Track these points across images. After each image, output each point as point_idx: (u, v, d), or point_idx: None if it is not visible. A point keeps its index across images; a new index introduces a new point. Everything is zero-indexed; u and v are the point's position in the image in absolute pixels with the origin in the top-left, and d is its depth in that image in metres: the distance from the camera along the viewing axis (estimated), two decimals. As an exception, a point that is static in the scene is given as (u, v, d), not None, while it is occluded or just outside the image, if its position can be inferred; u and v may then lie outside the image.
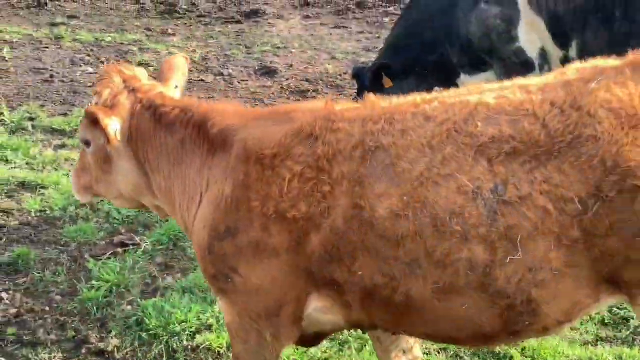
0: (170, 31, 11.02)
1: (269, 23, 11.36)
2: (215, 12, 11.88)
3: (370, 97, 3.29)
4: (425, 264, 3.00)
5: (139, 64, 9.53)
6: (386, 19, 11.22)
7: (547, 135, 2.84)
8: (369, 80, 6.44)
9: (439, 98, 3.16)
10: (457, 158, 2.93)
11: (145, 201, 3.93)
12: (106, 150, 3.72)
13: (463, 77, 6.15)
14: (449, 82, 6.32)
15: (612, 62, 3.02)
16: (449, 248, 2.94)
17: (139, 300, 4.90)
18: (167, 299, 4.86)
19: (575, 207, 2.80)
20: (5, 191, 6.43)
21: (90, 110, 3.58)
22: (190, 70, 9.10)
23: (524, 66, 5.70)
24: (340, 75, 9.17)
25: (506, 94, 3.03)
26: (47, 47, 10.23)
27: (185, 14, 11.83)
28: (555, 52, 5.65)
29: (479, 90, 3.14)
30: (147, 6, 12.18)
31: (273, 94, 8.72)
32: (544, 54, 5.70)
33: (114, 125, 3.59)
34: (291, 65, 9.54)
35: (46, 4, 12.10)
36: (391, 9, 11.59)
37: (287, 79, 9.10)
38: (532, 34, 5.62)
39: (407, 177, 2.99)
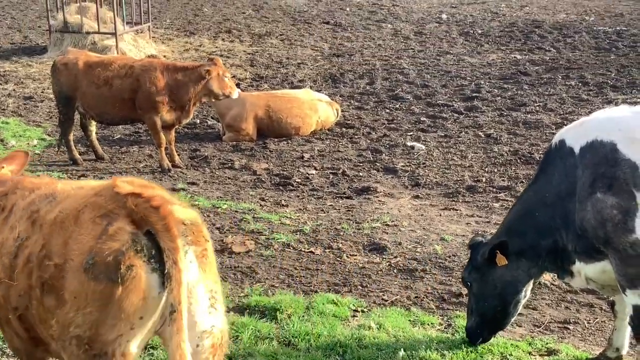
0: (283, 202, 11.37)
1: (379, 200, 11.53)
2: (327, 187, 12.21)
3: (41, 177, 4.98)
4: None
5: (252, 232, 9.83)
6: (496, 204, 11.21)
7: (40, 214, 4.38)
8: (481, 255, 6.41)
9: (59, 182, 4.74)
10: (22, 217, 4.47)
11: None
12: None
13: (578, 265, 6.00)
14: (563, 268, 6.18)
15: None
16: (1, 268, 4.43)
17: None
18: None
19: (51, 264, 4.10)
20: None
21: None
22: (300, 242, 9.33)
23: (640, 258, 5.53)
24: (449, 257, 9.11)
25: (68, 185, 4.62)
26: (167, 210, 10.66)
27: (298, 187, 12.21)
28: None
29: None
30: (262, 177, 12.67)
31: (381, 270, 8.71)
32: (662, 247, 5.53)
33: None
34: (400, 243, 9.56)
35: (169, 170, 12.80)
36: (502, 194, 11.59)
37: (396, 257, 9.11)
38: (649, 227, 5.49)
39: (9, 224, 4.56)
